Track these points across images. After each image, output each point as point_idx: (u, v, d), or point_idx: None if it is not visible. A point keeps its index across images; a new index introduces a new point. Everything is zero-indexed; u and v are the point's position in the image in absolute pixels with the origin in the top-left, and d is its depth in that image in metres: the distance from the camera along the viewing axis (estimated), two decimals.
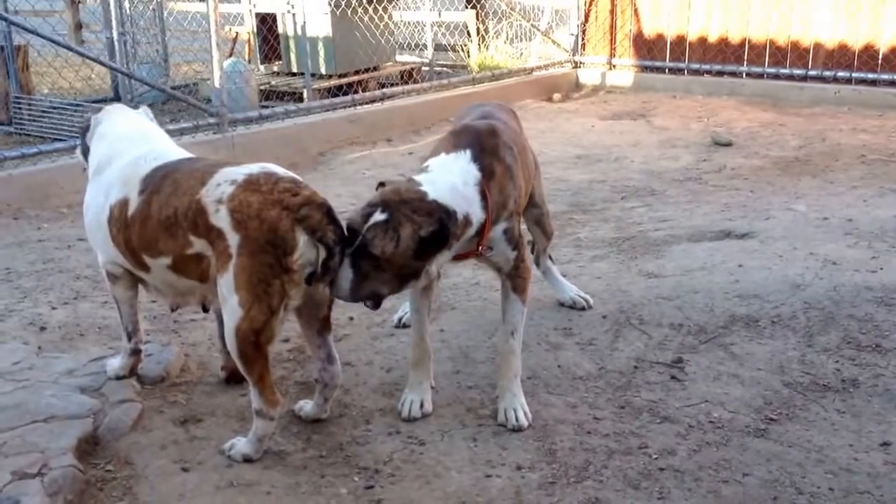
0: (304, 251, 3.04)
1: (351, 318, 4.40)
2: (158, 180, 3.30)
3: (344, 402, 3.60)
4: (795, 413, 3.47)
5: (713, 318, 4.24)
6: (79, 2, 11.43)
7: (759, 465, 3.14)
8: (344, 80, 9.88)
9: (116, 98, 8.88)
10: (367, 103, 8.98)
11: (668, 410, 3.49)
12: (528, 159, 3.79)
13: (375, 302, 3.23)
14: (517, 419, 3.40)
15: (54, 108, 8.77)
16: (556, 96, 10.60)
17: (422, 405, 3.50)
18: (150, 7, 10.01)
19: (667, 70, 10.78)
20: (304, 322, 3.37)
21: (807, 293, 4.44)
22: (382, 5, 10.25)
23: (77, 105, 8.89)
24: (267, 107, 8.97)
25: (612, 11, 11.04)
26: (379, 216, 3.06)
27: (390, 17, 10.57)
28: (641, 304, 4.39)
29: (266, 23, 10.35)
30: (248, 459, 3.23)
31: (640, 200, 6.43)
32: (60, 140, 7.27)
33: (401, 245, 3.04)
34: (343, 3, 9.70)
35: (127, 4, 9.21)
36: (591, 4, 11.17)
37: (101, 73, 9.58)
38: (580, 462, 3.16)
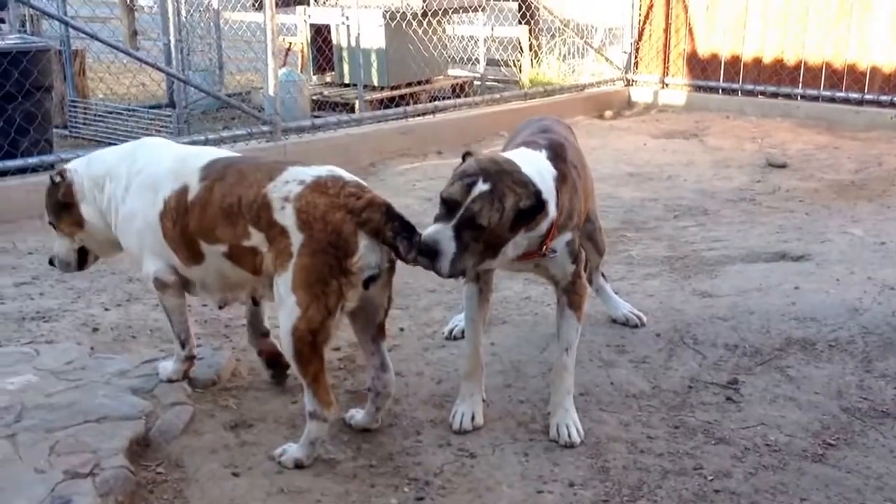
0: (365, 254, 3.07)
1: (401, 329, 4.39)
2: (221, 169, 3.36)
3: (395, 413, 3.59)
4: (853, 439, 3.39)
5: (769, 340, 4.17)
6: (135, 9, 11.57)
7: (817, 490, 3.07)
8: (396, 93, 9.89)
9: (171, 104, 8.97)
10: (418, 115, 9.00)
11: (724, 432, 3.43)
12: (587, 175, 3.76)
13: (463, 275, 3.26)
14: (570, 435, 3.36)
15: (109, 112, 8.87)
16: (608, 114, 10.55)
17: (473, 417, 3.48)
18: (207, 16, 10.13)
19: (720, 90, 10.66)
20: (358, 328, 3.37)
21: (865, 318, 4.35)
22: (437, 19, 10.27)
23: (132, 110, 8.99)
24: (318, 116, 9.01)
25: (666, 30, 10.97)
26: (482, 186, 3.03)
27: (444, 31, 10.59)
28: (696, 323, 4.33)
29: (321, 34, 10.40)
30: (299, 465, 3.22)
31: (694, 220, 6.36)
32: (114, 144, 7.33)
33: (504, 216, 3.04)
34: (398, 15, 9.73)
35: (184, 12, 9.31)
36: (645, 23, 11.11)
37: (156, 80, 9.68)
38: (634, 481, 3.12)
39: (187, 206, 3.35)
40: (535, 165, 3.23)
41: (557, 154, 3.35)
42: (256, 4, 10.31)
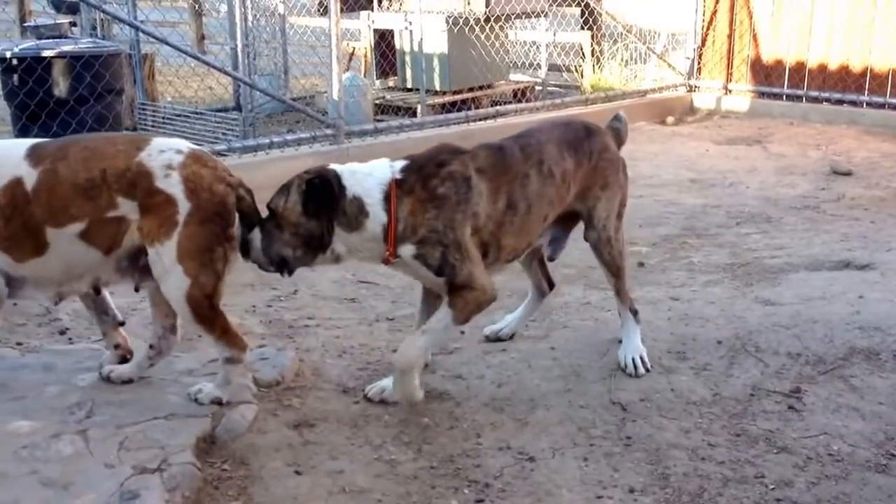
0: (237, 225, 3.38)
1: (462, 332, 4.42)
2: (55, 150, 3.31)
3: (455, 415, 3.62)
4: None
5: (832, 349, 4.12)
6: (203, 13, 11.78)
7: (880, 501, 3.04)
8: (458, 97, 9.95)
9: (237, 107, 9.13)
10: (479, 120, 9.03)
11: (786, 441, 3.40)
12: (531, 186, 3.67)
13: (285, 267, 3.49)
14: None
15: (177, 115, 9.05)
16: (670, 119, 10.49)
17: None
18: (273, 21, 10.28)
19: (784, 97, 10.55)
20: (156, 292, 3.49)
21: None
22: (499, 24, 10.30)
23: (199, 113, 9.17)
24: (381, 120, 9.10)
25: (731, 36, 10.88)
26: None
27: (506, 37, 10.62)
28: (758, 331, 4.30)
29: (384, 39, 10.50)
30: (217, 402, 3.43)
31: (756, 227, 6.30)
32: None
33: (290, 199, 3.38)
34: (461, 21, 9.78)
35: (251, 17, 9.46)
36: (708, 28, 11.03)
37: (223, 84, 9.85)
38: (694, 488, 3.11)
39: (28, 196, 3.23)
40: (368, 172, 3.48)
41: (417, 168, 3.50)
42: (321, 10, 10.43)
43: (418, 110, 9.44)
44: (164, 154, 3.27)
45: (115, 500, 2.87)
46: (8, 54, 7.41)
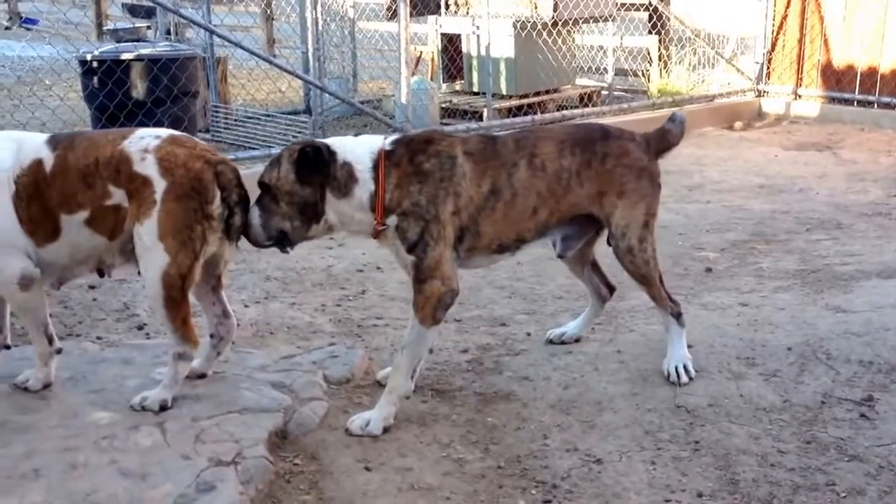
0: (220, 202, 3.42)
1: (528, 334, 4.45)
2: (67, 139, 3.47)
3: (522, 416, 3.65)
4: None
5: None
6: (273, 18, 11.96)
7: None
8: (524, 101, 9.96)
9: (307, 110, 9.24)
10: (546, 124, 9.03)
11: (857, 449, 3.37)
12: (519, 190, 3.68)
13: (285, 241, 3.54)
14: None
15: (249, 117, 9.20)
16: (738, 124, 10.38)
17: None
18: (342, 25, 10.40)
19: (855, 102, 10.37)
20: (200, 280, 3.53)
21: None
22: (566, 29, 10.30)
23: (270, 116, 9.31)
24: (447, 124, 9.15)
25: (801, 41, 10.73)
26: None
27: (573, 41, 10.61)
28: (829, 338, 4.26)
29: (452, 43, 10.55)
30: (164, 407, 3.45)
31: (826, 233, 6.22)
32: (254, 148, 7.64)
33: (282, 168, 3.45)
34: (528, 25, 9.80)
35: (321, 22, 9.59)
36: (778, 33, 10.89)
37: (294, 87, 9.99)
38: (764, 495, 3.10)
39: (47, 179, 3.36)
40: (358, 141, 3.60)
41: (406, 142, 3.60)
42: (390, 14, 10.53)
43: (484, 114, 9.47)
44: (142, 140, 3.40)
45: (192, 492, 2.95)
46: (88, 57, 7.62)
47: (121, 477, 3.02)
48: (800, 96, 10.85)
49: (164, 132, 3.49)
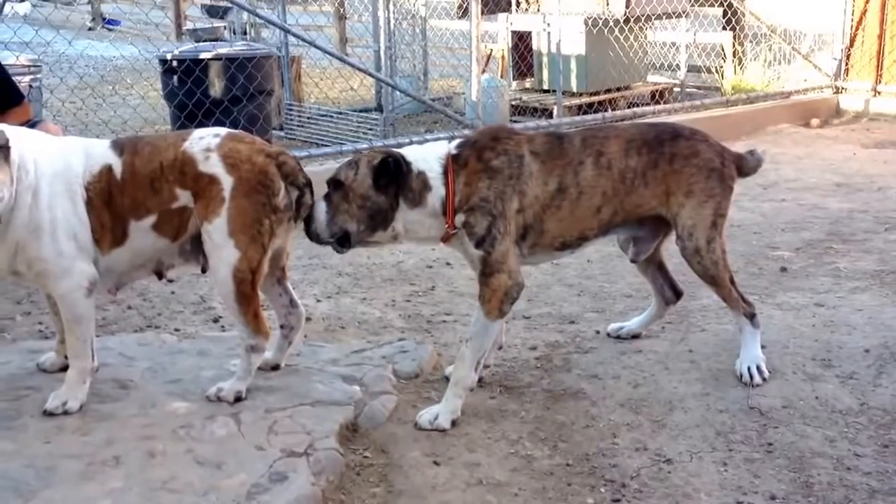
0: (285, 193, 3.44)
1: (597, 332, 4.43)
2: (131, 144, 3.47)
3: (591, 415, 3.64)
4: None
5: None
6: (346, 17, 12.06)
7: None
8: (594, 98, 9.91)
9: (379, 108, 9.33)
10: (616, 122, 8.97)
11: None
12: (577, 187, 3.68)
13: (345, 242, 3.58)
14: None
15: (321, 115, 9.30)
16: (814, 122, 10.19)
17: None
18: (413, 24, 10.45)
19: None
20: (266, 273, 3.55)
21: None
22: (639, 25, 10.22)
23: (342, 113, 9.40)
24: (517, 122, 9.14)
25: (881, 36, 10.49)
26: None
27: (645, 38, 10.52)
28: None
29: (522, 40, 10.54)
30: (239, 398, 3.50)
31: None
32: (326, 145, 7.72)
33: (360, 172, 3.49)
34: (600, 22, 9.75)
35: (392, 21, 9.65)
36: (857, 29, 10.66)
37: (365, 85, 10.08)
38: (839, 498, 3.05)
39: (118, 185, 3.37)
40: (427, 149, 3.65)
41: (475, 142, 3.63)
42: (461, 13, 10.56)
43: (554, 112, 9.44)
44: (203, 140, 3.43)
45: (265, 481, 3.00)
46: (168, 56, 7.79)
47: (197, 466, 3.09)
48: (879, 93, 10.62)
49: (222, 130, 3.52)
